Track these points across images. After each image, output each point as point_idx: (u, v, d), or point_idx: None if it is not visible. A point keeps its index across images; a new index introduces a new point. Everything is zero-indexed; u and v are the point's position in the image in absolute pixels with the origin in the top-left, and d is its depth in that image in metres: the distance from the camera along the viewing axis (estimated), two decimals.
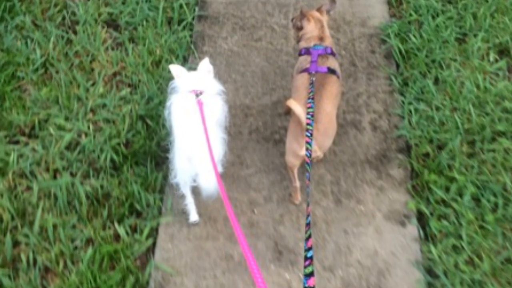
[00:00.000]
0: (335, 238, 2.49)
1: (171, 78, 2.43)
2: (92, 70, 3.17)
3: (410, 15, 3.45)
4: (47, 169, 2.69)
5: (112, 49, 3.30)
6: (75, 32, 3.38)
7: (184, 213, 2.51)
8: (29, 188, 2.64)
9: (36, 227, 2.46)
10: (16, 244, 2.45)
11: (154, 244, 2.47)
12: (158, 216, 2.55)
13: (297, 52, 2.69)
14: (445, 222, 2.48)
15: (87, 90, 3.05)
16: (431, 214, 2.54)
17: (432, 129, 2.83)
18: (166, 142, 2.56)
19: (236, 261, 2.41)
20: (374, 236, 2.49)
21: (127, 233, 2.47)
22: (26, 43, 3.28)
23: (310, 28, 2.62)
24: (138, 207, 2.56)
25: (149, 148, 2.76)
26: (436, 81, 3.08)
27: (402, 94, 3.06)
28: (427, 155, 2.77)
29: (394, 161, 2.77)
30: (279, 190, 2.66)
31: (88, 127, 2.85)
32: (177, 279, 2.35)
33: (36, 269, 2.35)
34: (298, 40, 2.69)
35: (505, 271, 2.31)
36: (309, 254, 1.58)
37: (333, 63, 2.49)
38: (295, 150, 2.33)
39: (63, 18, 3.46)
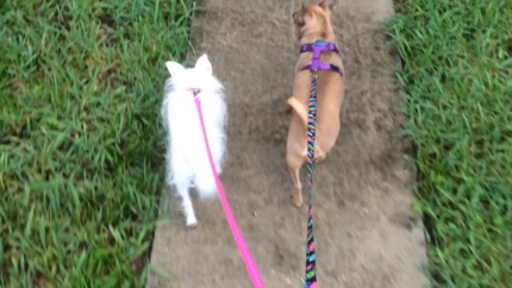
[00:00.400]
0: (338, 242, 2.49)
1: (167, 75, 2.43)
2: (86, 67, 3.17)
3: (416, 10, 3.45)
4: (39, 170, 2.69)
5: (107, 45, 3.30)
6: (68, 28, 3.38)
7: (181, 216, 2.51)
8: (20, 189, 2.64)
9: (27, 230, 2.46)
10: (7, 248, 2.45)
11: (150, 248, 2.47)
12: (155, 219, 2.55)
13: (298, 49, 2.69)
14: (452, 225, 2.48)
15: (81, 88, 3.05)
16: (438, 216, 2.54)
17: (439, 128, 2.83)
18: (163, 142, 2.56)
19: (235, 265, 2.41)
20: (379, 239, 2.49)
21: (122, 236, 2.47)
22: (17, 39, 3.28)
23: (312, 24, 2.62)
24: (133, 209, 2.56)
25: (145, 148, 2.76)
26: (443, 78, 3.08)
27: (407, 92, 3.07)
28: (433, 155, 2.77)
29: (400, 162, 2.77)
30: (280, 192, 2.66)
31: (82, 127, 2.85)
32: (174, 284, 2.35)
33: (27, 274, 2.35)
34: (300, 36, 2.69)
35: None
36: (311, 258, 1.58)
37: (336, 60, 2.50)
38: (297, 151, 2.33)
39: (56, 13, 3.46)
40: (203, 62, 2.43)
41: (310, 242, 1.62)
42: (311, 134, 2.13)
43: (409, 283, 2.35)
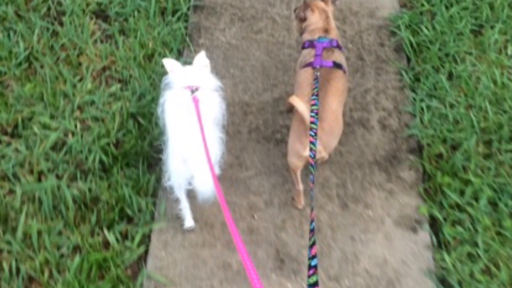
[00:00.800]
0: (341, 245, 2.49)
1: (164, 73, 2.43)
2: (80, 64, 3.17)
3: (422, 5, 3.45)
4: (31, 171, 2.69)
5: (101, 41, 3.30)
6: (61, 24, 3.38)
7: (178, 219, 2.51)
8: (11, 191, 2.64)
9: (19, 233, 2.46)
10: None
11: (146, 252, 2.47)
12: (151, 222, 2.55)
13: (300, 45, 2.69)
14: (459, 228, 2.49)
15: (74, 86, 3.05)
16: (445, 219, 2.54)
17: (446, 128, 2.83)
18: (159, 142, 2.56)
19: (234, 270, 2.41)
20: (383, 243, 2.49)
21: (117, 240, 2.47)
22: (9, 35, 3.28)
23: (314, 19, 2.62)
24: (129, 212, 2.57)
25: (141, 149, 2.76)
26: (450, 76, 3.08)
27: (413, 90, 3.07)
28: (440, 156, 2.77)
29: (405, 163, 2.77)
30: (281, 194, 2.66)
31: (75, 126, 2.85)
32: None
33: (19, 279, 2.35)
34: (302, 32, 2.69)
35: None
36: (313, 263, 1.58)
37: (339, 57, 2.50)
38: (298, 151, 2.33)
39: (48, 9, 3.46)
40: (201, 59, 2.43)
41: (312, 245, 1.62)
42: (313, 133, 2.13)
43: None
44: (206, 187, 2.16)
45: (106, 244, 2.47)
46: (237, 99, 3.03)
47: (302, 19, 2.68)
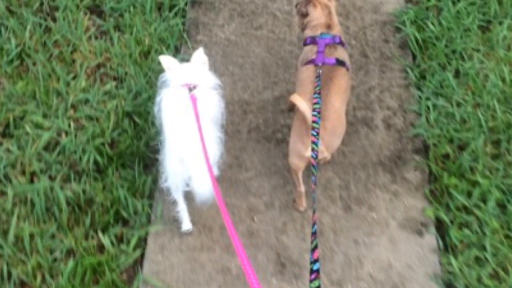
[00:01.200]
0: (344, 249, 2.49)
1: (161, 70, 2.43)
2: (73, 61, 3.17)
3: (428, 0, 3.45)
4: (23, 172, 2.70)
5: (96, 38, 3.30)
6: (54, 19, 3.38)
7: (175, 221, 2.51)
8: (3, 193, 2.64)
9: (10, 236, 2.46)
10: None
11: (142, 255, 2.47)
12: (147, 225, 2.55)
13: (301, 42, 2.69)
14: (467, 231, 2.48)
15: (68, 84, 3.05)
16: (451, 222, 2.54)
17: (453, 127, 2.83)
18: (156, 141, 2.56)
19: (234, 274, 2.41)
20: (388, 246, 2.50)
21: (112, 243, 2.47)
22: (0, 31, 3.28)
23: (317, 15, 2.62)
24: (124, 214, 2.57)
25: (137, 149, 2.76)
26: (457, 73, 3.08)
27: (419, 88, 3.07)
28: (446, 156, 2.77)
29: (410, 163, 2.77)
30: (282, 196, 2.66)
31: (69, 125, 2.85)
32: None
33: (11, 283, 2.35)
34: (303, 28, 2.69)
35: None
36: (315, 267, 1.58)
37: (342, 53, 2.50)
38: (300, 151, 2.34)
39: (41, 4, 3.46)
40: (199, 56, 2.43)
41: (314, 249, 1.62)
42: (315, 133, 2.13)
43: None
44: (204, 188, 2.16)
45: (101, 248, 2.47)
46: (237, 97, 3.03)
47: (304, 15, 2.68)
